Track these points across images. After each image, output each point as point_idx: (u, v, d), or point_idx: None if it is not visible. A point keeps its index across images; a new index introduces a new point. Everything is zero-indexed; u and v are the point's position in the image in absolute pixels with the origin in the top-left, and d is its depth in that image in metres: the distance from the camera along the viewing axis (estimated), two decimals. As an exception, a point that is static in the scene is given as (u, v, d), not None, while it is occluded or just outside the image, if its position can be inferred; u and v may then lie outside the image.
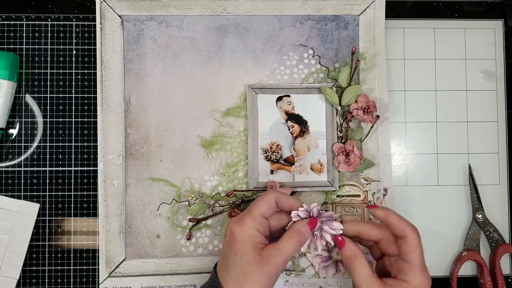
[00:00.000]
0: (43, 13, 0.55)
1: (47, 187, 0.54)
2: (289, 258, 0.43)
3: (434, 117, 0.57)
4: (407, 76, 0.57)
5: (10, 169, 0.54)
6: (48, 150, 0.54)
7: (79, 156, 0.54)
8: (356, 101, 0.52)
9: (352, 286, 0.53)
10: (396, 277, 0.43)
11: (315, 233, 0.45)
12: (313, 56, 0.54)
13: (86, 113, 0.54)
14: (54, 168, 0.54)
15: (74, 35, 0.55)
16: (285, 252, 0.42)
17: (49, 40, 0.55)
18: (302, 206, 0.45)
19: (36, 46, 0.55)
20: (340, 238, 0.44)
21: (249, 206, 0.44)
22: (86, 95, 0.55)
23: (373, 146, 0.54)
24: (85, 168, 0.54)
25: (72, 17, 0.55)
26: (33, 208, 0.53)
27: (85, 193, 0.54)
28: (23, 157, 0.54)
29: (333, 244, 0.45)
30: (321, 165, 0.53)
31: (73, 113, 0.54)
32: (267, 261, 0.42)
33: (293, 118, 0.54)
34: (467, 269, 0.56)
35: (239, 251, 0.42)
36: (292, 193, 0.52)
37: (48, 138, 0.54)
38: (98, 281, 0.53)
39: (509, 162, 0.57)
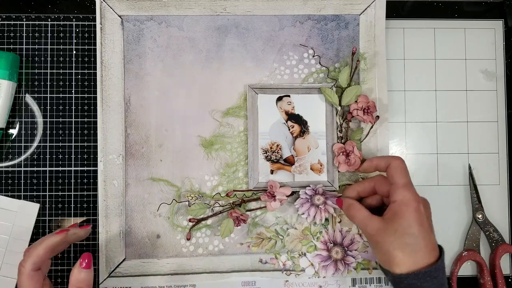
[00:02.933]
0: (43, 13, 0.55)
1: (47, 187, 0.54)
2: None
3: (434, 117, 0.57)
4: (407, 76, 0.57)
5: (10, 169, 0.54)
6: (48, 150, 0.54)
7: (79, 156, 0.54)
8: (356, 102, 0.52)
9: (350, 285, 0.53)
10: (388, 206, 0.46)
11: (320, 206, 0.51)
12: (313, 56, 0.54)
13: (86, 113, 0.54)
14: (54, 168, 0.54)
15: (74, 35, 0.55)
16: None
17: (49, 40, 0.55)
18: (309, 186, 0.52)
19: (36, 46, 0.55)
20: (338, 199, 0.50)
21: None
22: (86, 95, 0.55)
23: (373, 146, 0.54)
24: (85, 168, 0.54)
25: (72, 17, 0.55)
26: (33, 208, 0.53)
27: (85, 193, 0.54)
28: (23, 157, 0.54)
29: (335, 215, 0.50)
30: (321, 165, 0.53)
31: (73, 113, 0.54)
32: None
33: (293, 118, 0.54)
34: (467, 269, 0.56)
35: None
36: (292, 193, 0.52)
37: (48, 138, 0.54)
38: (98, 281, 0.53)
39: (509, 162, 0.57)
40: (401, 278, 0.43)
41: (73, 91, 0.55)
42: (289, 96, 0.54)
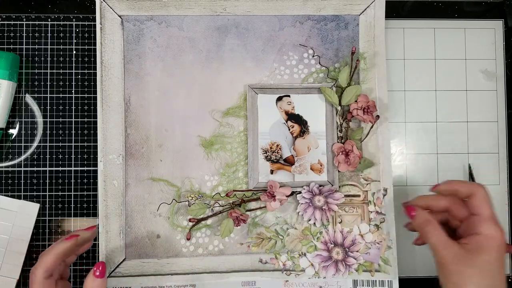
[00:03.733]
0: (43, 13, 0.55)
1: (47, 187, 0.54)
2: None
3: (434, 117, 0.57)
4: (407, 76, 0.57)
5: (10, 169, 0.54)
6: (48, 150, 0.54)
7: (79, 156, 0.54)
8: (356, 101, 0.52)
9: (351, 285, 0.53)
10: (469, 235, 0.43)
11: (323, 207, 0.51)
12: (313, 56, 0.54)
13: (86, 113, 0.55)
14: (54, 168, 0.54)
15: (74, 35, 0.55)
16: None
17: (49, 40, 0.55)
18: (304, 188, 0.52)
19: (36, 46, 0.55)
20: (409, 206, 0.46)
21: None
22: (86, 95, 0.55)
23: (373, 146, 0.54)
24: (85, 168, 0.54)
25: (72, 17, 0.55)
26: (33, 208, 0.53)
27: (85, 193, 0.54)
28: (23, 157, 0.54)
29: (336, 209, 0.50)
30: (321, 165, 0.53)
31: (73, 113, 0.54)
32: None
33: (293, 118, 0.54)
34: (467, 269, 0.56)
35: None
36: (292, 193, 0.52)
37: (48, 138, 0.54)
38: (98, 281, 0.53)
39: (509, 162, 0.57)
40: None
41: (73, 91, 0.55)
42: (289, 96, 0.54)
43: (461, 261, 0.41)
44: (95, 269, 0.45)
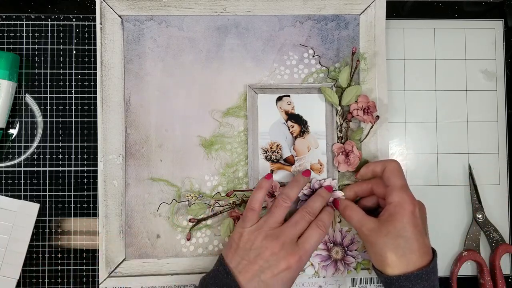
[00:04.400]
0: (43, 13, 0.55)
1: (47, 187, 0.54)
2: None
3: (434, 117, 0.57)
4: (407, 76, 0.57)
5: (10, 169, 0.54)
6: (48, 150, 0.54)
7: (79, 156, 0.54)
8: (356, 101, 0.52)
9: (350, 285, 0.53)
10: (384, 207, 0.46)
11: None
12: (313, 56, 0.54)
13: (86, 113, 0.54)
14: (54, 168, 0.54)
15: (74, 35, 0.55)
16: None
17: (49, 40, 0.55)
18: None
19: (36, 46, 0.55)
20: (335, 201, 0.50)
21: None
22: (86, 95, 0.55)
23: (373, 146, 0.54)
24: (85, 168, 0.54)
25: (72, 17, 0.55)
26: (33, 208, 0.53)
27: (85, 193, 0.54)
28: (23, 157, 0.54)
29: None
30: (321, 165, 0.53)
31: (73, 113, 0.54)
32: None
33: (293, 118, 0.54)
34: (467, 269, 0.56)
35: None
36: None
37: (48, 138, 0.54)
38: (98, 281, 0.53)
39: (509, 162, 0.57)
40: (393, 280, 0.43)
41: (73, 91, 0.55)
42: (289, 96, 0.54)
43: (377, 232, 0.44)
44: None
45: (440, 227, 0.55)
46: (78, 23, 0.55)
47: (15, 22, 0.55)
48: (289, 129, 0.54)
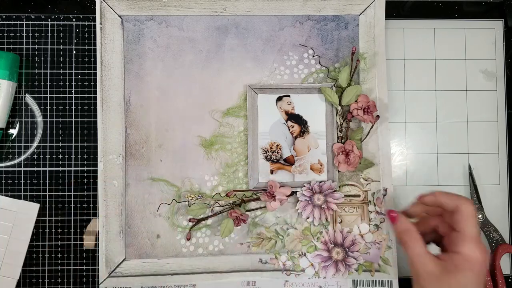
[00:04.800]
0: (43, 13, 0.55)
1: (47, 187, 0.54)
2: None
3: (434, 117, 0.57)
4: (407, 76, 0.57)
5: (10, 169, 0.54)
6: (48, 150, 0.54)
7: (79, 156, 0.54)
8: (356, 101, 0.52)
9: (351, 285, 0.53)
10: (448, 251, 0.42)
11: (322, 206, 0.52)
12: (313, 56, 0.54)
13: (86, 113, 0.54)
14: (54, 168, 0.54)
15: (74, 35, 0.55)
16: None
17: (49, 40, 0.55)
18: (305, 186, 0.52)
19: (36, 46, 0.55)
20: (393, 213, 0.45)
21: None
22: (86, 95, 0.55)
23: (373, 146, 0.54)
24: (85, 168, 0.54)
25: (72, 17, 0.55)
26: (33, 208, 0.53)
27: (85, 193, 0.54)
28: (23, 157, 0.54)
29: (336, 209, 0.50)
30: (321, 165, 0.53)
31: (73, 113, 0.54)
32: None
33: (293, 118, 0.54)
34: (467, 269, 0.56)
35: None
36: (292, 193, 0.52)
37: (48, 138, 0.54)
38: (98, 281, 0.53)
39: (509, 162, 0.57)
40: None
41: (73, 91, 0.55)
42: (289, 96, 0.54)
43: (436, 279, 0.40)
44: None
45: (440, 227, 0.55)
46: (78, 23, 0.55)
47: (15, 22, 0.55)
48: (289, 129, 0.54)
